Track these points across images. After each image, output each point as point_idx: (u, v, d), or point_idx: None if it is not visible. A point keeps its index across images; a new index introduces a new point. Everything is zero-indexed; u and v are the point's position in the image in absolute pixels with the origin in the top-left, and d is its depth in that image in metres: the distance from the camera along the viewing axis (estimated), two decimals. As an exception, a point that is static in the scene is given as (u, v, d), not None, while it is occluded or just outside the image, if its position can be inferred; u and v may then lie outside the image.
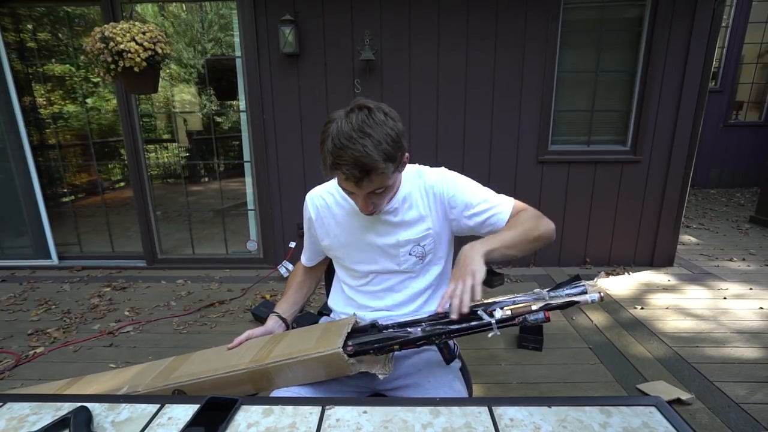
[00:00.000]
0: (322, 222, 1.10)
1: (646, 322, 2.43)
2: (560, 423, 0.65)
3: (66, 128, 3.51)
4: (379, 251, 1.05)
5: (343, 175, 0.86)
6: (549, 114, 3.04)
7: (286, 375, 0.89)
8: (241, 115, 3.19)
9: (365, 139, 0.83)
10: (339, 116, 0.86)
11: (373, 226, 1.04)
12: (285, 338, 0.99)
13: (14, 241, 3.45)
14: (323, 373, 0.89)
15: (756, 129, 6.08)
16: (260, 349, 0.95)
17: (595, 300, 0.81)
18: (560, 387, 1.89)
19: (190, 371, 0.94)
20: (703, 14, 2.81)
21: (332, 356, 0.84)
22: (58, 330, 2.44)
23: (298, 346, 0.90)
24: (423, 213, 1.03)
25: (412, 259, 1.04)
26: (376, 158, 0.84)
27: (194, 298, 2.88)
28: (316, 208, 1.11)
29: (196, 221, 3.62)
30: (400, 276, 1.06)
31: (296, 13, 2.88)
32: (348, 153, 0.83)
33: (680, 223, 3.20)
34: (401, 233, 1.03)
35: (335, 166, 0.85)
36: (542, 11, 2.87)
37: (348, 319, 0.97)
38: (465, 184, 1.04)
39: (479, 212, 1.00)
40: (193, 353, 1.05)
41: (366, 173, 0.85)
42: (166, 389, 0.91)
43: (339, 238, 1.08)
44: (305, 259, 1.24)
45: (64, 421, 0.66)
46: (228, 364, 0.92)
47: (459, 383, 1.00)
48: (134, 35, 2.05)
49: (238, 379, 0.89)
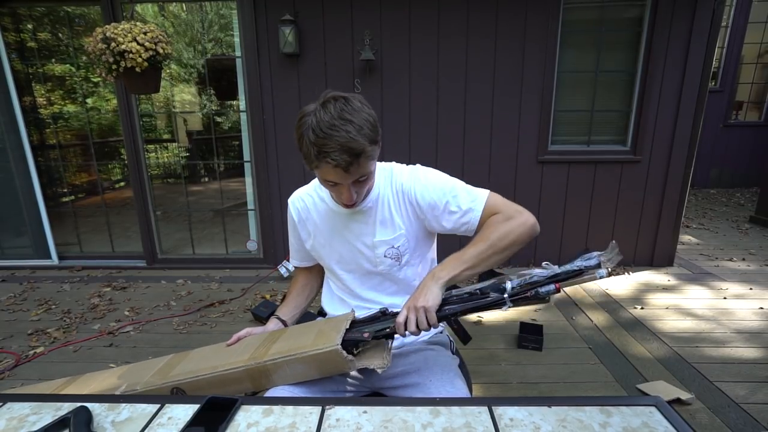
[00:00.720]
0: (304, 224, 1.11)
1: (646, 322, 2.43)
2: (560, 423, 0.65)
3: (66, 128, 3.51)
4: (357, 252, 1.05)
5: (331, 163, 0.84)
6: (549, 114, 3.04)
7: (285, 372, 0.89)
8: (241, 115, 3.19)
9: (348, 125, 0.83)
10: (313, 109, 0.86)
11: (349, 226, 1.04)
12: (283, 335, 0.98)
13: (14, 241, 3.45)
14: (321, 370, 0.89)
15: (756, 129, 6.08)
16: (258, 347, 0.94)
17: (603, 276, 0.79)
18: (560, 387, 1.89)
19: (188, 369, 0.94)
20: (703, 14, 2.81)
21: (330, 353, 0.84)
22: (58, 330, 2.44)
23: (296, 343, 0.90)
24: (395, 213, 1.03)
25: (388, 260, 1.04)
26: (363, 141, 0.84)
27: (194, 298, 2.88)
28: (297, 210, 1.11)
29: (196, 221, 3.62)
30: (379, 277, 1.07)
31: (296, 13, 2.88)
32: (334, 140, 0.83)
33: (680, 223, 3.20)
34: (376, 234, 1.03)
35: (322, 156, 0.84)
36: (542, 11, 2.87)
37: (347, 315, 0.96)
38: (435, 183, 0.99)
39: (450, 212, 0.97)
40: (192, 351, 1.05)
41: (355, 157, 0.85)
42: (165, 387, 0.91)
43: (319, 238, 1.09)
44: (296, 261, 1.23)
45: (64, 421, 0.66)
46: (226, 361, 0.92)
47: (460, 380, 1.00)
48: (136, 35, 2.05)
49: (236, 376, 0.89)
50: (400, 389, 1.02)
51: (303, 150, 0.88)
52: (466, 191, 0.98)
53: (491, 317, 2.51)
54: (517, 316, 2.51)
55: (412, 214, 1.03)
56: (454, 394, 0.93)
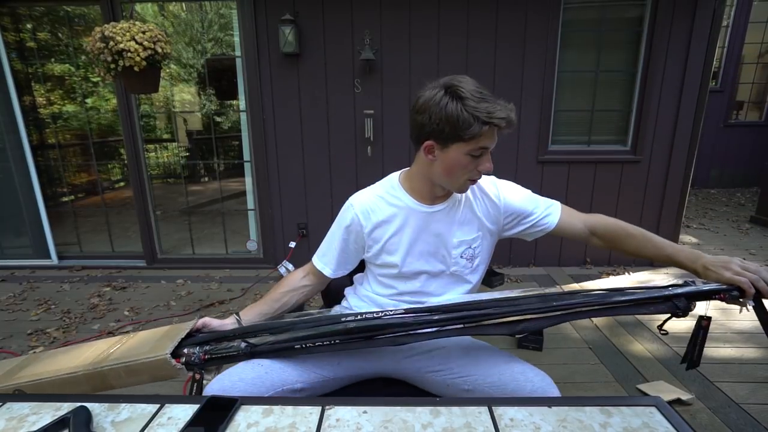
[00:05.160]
0: (375, 228, 1.03)
1: (646, 322, 2.42)
2: (560, 423, 0.65)
3: (66, 128, 3.51)
4: (432, 251, 1.03)
5: (500, 123, 0.88)
6: (549, 114, 3.04)
7: (121, 378, 0.90)
8: (241, 114, 3.19)
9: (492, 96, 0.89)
10: (444, 86, 0.90)
11: (429, 225, 1.02)
12: (133, 338, 1.00)
13: (14, 241, 3.45)
14: (155, 377, 0.90)
15: (756, 129, 6.08)
16: (107, 349, 0.95)
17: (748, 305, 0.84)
18: (560, 387, 1.88)
19: (35, 371, 0.94)
20: (703, 14, 2.81)
21: (159, 362, 0.87)
22: (58, 330, 2.44)
23: (137, 349, 0.92)
24: (477, 214, 1.04)
25: (463, 261, 1.03)
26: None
27: (194, 298, 2.88)
28: (367, 214, 1.03)
29: (195, 221, 3.62)
30: (447, 279, 1.05)
31: (296, 12, 2.88)
32: (495, 102, 0.89)
33: (680, 222, 3.20)
34: (456, 233, 1.02)
35: (491, 117, 0.87)
36: (542, 11, 2.87)
37: (186, 324, 0.98)
38: (520, 190, 1.08)
39: (533, 219, 1.05)
40: (48, 351, 1.05)
41: (510, 124, 0.90)
42: (8, 389, 0.91)
43: (394, 239, 1.03)
44: (331, 271, 1.11)
45: (64, 421, 0.66)
46: (69, 365, 0.92)
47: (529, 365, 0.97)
48: (134, 35, 2.05)
49: (75, 380, 0.90)
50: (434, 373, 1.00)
51: (453, 123, 0.87)
52: (543, 199, 1.09)
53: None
54: (517, 316, 2.51)
55: (493, 217, 1.05)
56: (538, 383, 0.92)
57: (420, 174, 1.01)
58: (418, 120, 0.92)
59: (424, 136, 0.93)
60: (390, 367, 1.06)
